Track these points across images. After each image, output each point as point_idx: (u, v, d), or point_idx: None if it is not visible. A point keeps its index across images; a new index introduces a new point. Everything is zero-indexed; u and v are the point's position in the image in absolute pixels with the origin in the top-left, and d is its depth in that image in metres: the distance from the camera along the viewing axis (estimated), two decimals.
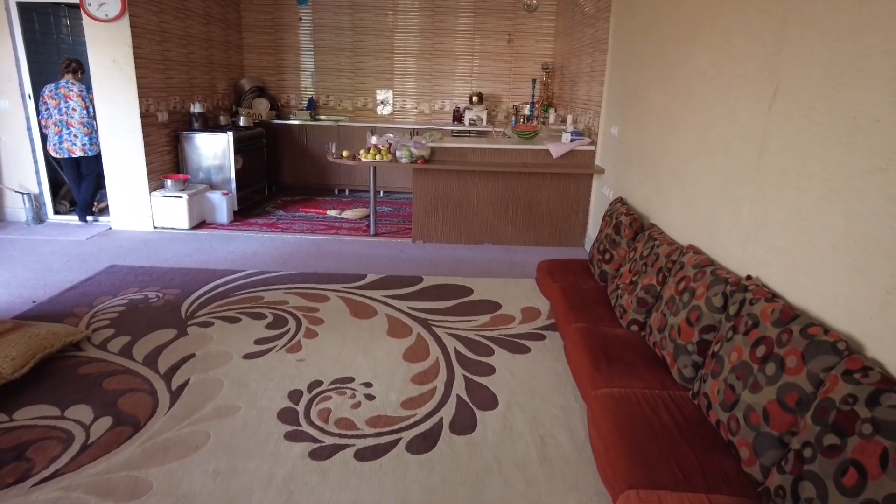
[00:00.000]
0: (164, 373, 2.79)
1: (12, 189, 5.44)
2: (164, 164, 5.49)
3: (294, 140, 7.03)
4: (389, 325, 3.39)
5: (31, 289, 3.86)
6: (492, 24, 7.17)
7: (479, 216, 5.09)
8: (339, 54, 7.34)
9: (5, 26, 5.12)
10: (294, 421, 2.43)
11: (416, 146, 4.79)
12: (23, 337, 2.84)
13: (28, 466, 2.13)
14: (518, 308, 3.67)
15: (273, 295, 3.77)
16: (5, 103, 5.29)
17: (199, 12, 6.08)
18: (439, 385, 2.73)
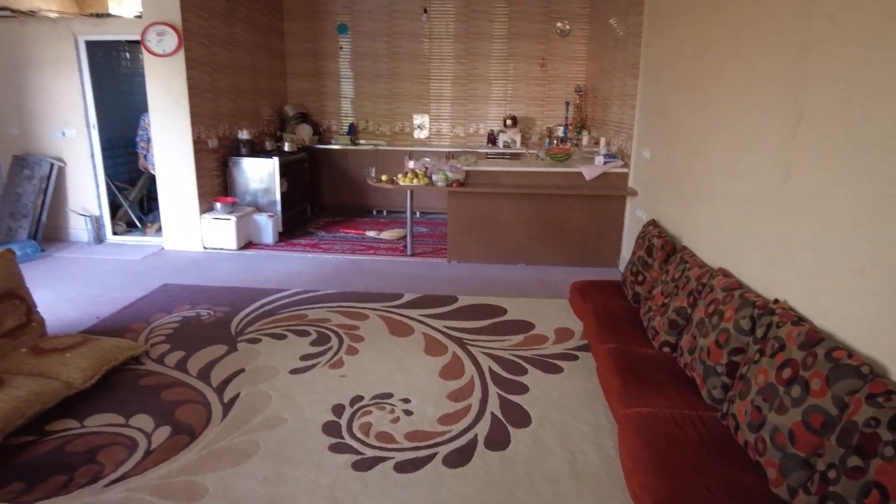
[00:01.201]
0: (217, 386, 2.98)
1: (76, 211, 5.83)
2: (213, 188, 5.81)
3: (335, 163, 7.31)
4: (426, 343, 3.52)
5: (93, 305, 4.15)
6: (525, 49, 7.35)
7: (512, 237, 5.21)
8: (377, 80, 7.62)
9: (74, 62, 5.54)
10: (337, 433, 2.58)
11: (451, 170, 4.96)
12: (91, 350, 3.08)
13: (99, 469, 2.33)
14: (551, 328, 3.76)
15: (316, 313, 3.96)
16: (72, 132, 5.70)
17: (246, 43, 6.43)
18: (474, 402, 2.84)
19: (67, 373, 2.88)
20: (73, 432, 2.60)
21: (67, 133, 5.72)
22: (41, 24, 5.54)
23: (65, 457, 2.42)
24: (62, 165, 5.78)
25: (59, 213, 5.88)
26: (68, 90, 5.64)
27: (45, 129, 5.74)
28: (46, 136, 5.75)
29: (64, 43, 5.54)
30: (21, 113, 5.71)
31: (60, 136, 5.73)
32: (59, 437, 2.56)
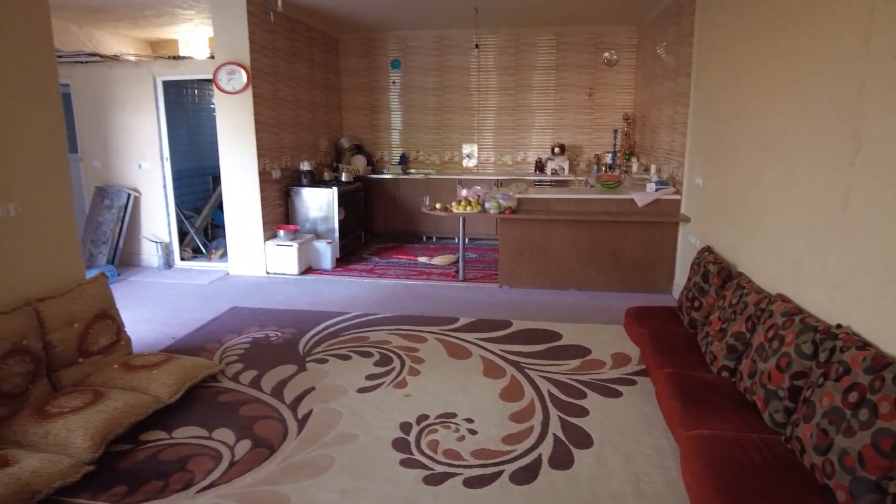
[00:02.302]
0: (290, 403, 3.17)
1: (149, 238, 6.23)
2: (276, 216, 6.13)
3: (387, 192, 7.59)
4: (484, 365, 3.64)
5: (169, 326, 4.43)
6: (572, 79, 7.52)
7: (563, 263, 5.30)
8: (428, 112, 7.91)
9: (152, 100, 6.00)
10: (406, 449, 2.71)
11: (503, 198, 5.12)
12: (174, 367, 3.32)
13: (190, 476, 2.53)
14: (608, 353, 3.82)
15: (377, 335, 4.14)
16: (147, 165, 6.14)
17: (306, 80, 6.82)
18: (536, 424, 2.93)
19: (155, 388, 3.12)
20: (163, 442, 2.81)
21: (143, 165, 6.17)
22: (125, 67, 6.03)
23: (159, 464, 2.63)
24: (137, 195, 6.22)
25: (133, 240, 6.30)
26: (145, 126, 6.09)
27: (124, 162, 6.20)
28: (125, 168, 6.21)
29: (144, 83, 6.01)
30: (104, 148, 6.19)
31: (137, 168, 6.18)
32: (151, 446, 2.78)
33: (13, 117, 3.07)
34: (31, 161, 3.19)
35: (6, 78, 3.02)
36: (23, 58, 3.13)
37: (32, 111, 3.20)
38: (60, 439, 2.61)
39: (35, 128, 3.22)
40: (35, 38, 3.21)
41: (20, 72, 3.11)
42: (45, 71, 3.28)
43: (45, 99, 3.29)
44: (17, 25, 3.09)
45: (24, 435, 2.66)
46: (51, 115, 3.33)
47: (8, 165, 3.04)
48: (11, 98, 3.06)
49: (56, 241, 3.38)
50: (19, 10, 3.10)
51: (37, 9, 3.22)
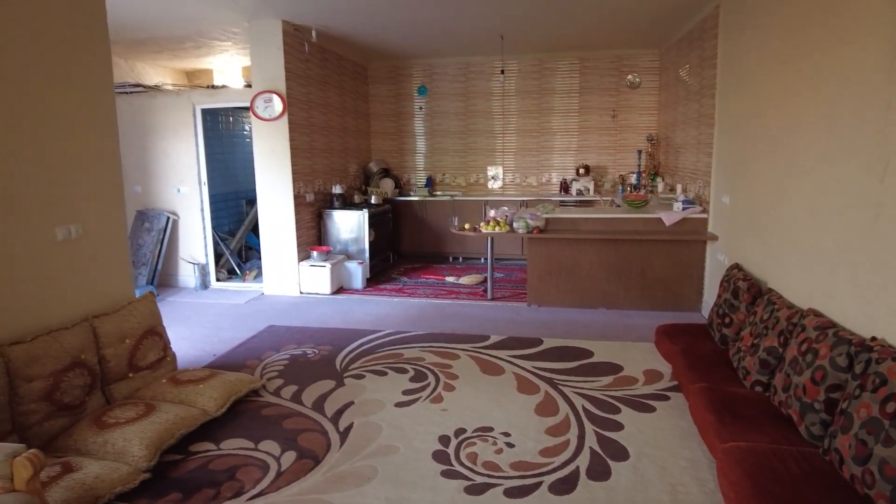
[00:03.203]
0: (331, 416, 3.28)
1: (186, 260, 6.46)
2: (309, 238, 6.31)
3: (414, 214, 7.76)
4: (518, 382, 3.71)
5: (209, 344, 4.59)
6: (595, 102, 7.65)
7: (591, 281, 5.37)
8: (453, 136, 8.10)
9: (191, 127, 6.27)
10: (446, 461, 2.79)
11: (531, 217, 5.23)
12: (219, 382, 3.46)
13: (240, 485, 2.64)
14: (639, 370, 3.86)
15: (410, 352, 4.24)
16: (186, 189, 6.39)
17: (337, 106, 7.06)
18: (572, 437, 2.99)
19: (203, 401, 3.26)
20: (212, 453, 2.93)
21: (182, 190, 6.42)
22: (166, 97, 6.33)
23: (209, 474, 2.74)
24: (176, 219, 6.46)
25: (171, 262, 6.53)
26: (184, 152, 6.36)
27: (163, 186, 6.47)
28: (164, 192, 6.47)
29: (183, 111, 6.29)
30: (145, 173, 6.47)
31: (176, 192, 6.44)
32: (201, 456, 2.90)
33: (77, 146, 3.29)
34: (90, 186, 3.39)
35: (72, 110, 3.25)
36: (86, 91, 3.36)
37: (93, 140, 3.41)
38: (118, 448, 2.74)
39: (95, 155, 3.43)
40: (97, 74, 3.44)
41: (84, 104, 3.34)
42: (104, 103, 3.50)
43: (104, 129, 3.50)
44: (82, 62, 3.32)
45: (84, 443, 2.80)
46: (108, 144, 3.54)
47: (72, 190, 3.25)
48: (76, 128, 3.28)
49: (110, 260, 3.57)
50: (85, 49, 3.33)
51: (100, 47, 3.45)
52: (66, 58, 3.20)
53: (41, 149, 3.05)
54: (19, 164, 2.92)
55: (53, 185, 3.13)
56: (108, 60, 3.54)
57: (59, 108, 3.16)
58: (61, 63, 3.17)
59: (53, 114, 3.13)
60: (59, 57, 3.15)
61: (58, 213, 3.16)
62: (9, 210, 2.86)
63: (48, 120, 3.09)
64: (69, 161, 3.23)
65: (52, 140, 3.11)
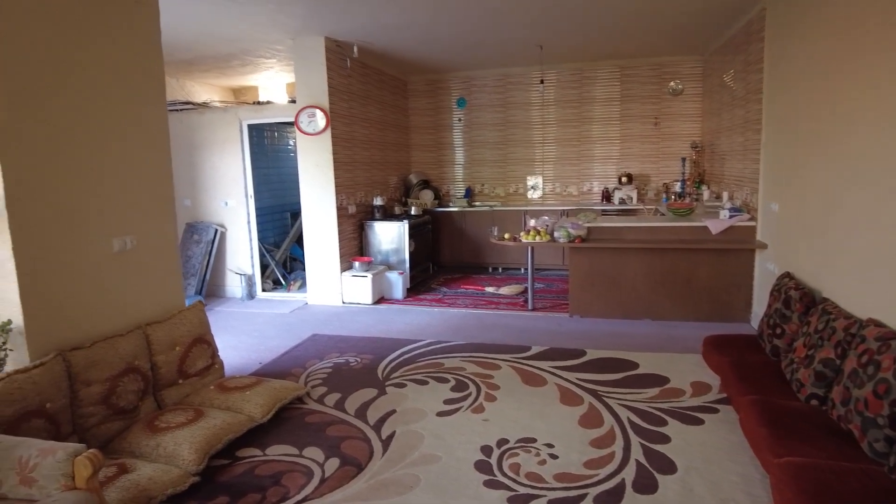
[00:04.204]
0: (374, 424, 3.30)
1: (233, 271, 6.64)
2: (351, 249, 6.41)
3: (453, 224, 7.79)
4: (560, 393, 3.66)
5: (255, 352, 4.70)
6: (637, 110, 7.55)
7: (635, 292, 5.26)
8: (492, 147, 8.12)
9: (238, 142, 6.48)
10: (489, 471, 2.77)
11: (573, 227, 5.18)
12: (264, 389, 3.53)
13: (285, 491, 2.68)
14: (686, 382, 3.76)
15: (451, 362, 4.24)
16: (233, 202, 6.59)
17: (377, 120, 7.18)
18: (617, 450, 2.93)
19: (249, 408, 3.33)
20: (258, 459, 2.99)
21: (229, 203, 6.62)
22: (214, 113, 6.56)
23: (255, 479, 2.80)
24: (223, 231, 6.66)
25: (218, 273, 6.73)
26: (231, 166, 6.57)
27: (211, 200, 6.68)
28: (212, 206, 6.69)
29: (230, 127, 6.51)
30: (194, 187, 6.70)
31: (223, 205, 6.64)
32: (247, 461, 2.96)
33: (133, 161, 3.44)
34: (145, 199, 3.54)
35: (129, 127, 3.40)
36: (142, 110, 3.51)
37: (148, 156, 3.56)
38: (169, 451, 2.83)
39: (149, 170, 3.58)
40: (152, 93, 3.60)
41: (140, 122, 3.49)
42: (158, 121, 3.65)
43: (158, 145, 3.66)
44: (138, 82, 3.48)
45: (137, 446, 2.90)
46: (161, 159, 3.69)
47: (127, 203, 3.39)
48: (132, 144, 3.43)
49: (162, 271, 3.70)
50: (142, 70, 3.49)
51: (154, 67, 3.61)
52: (123, 78, 3.36)
53: (100, 164, 3.20)
54: (80, 179, 3.07)
55: (111, 198, 3.28)
56: (162, 80, 3.70)
57: (117, 126, 3.32)
58: (120, 83, 3.33)
59: (112, 131, 3.28)
60: (118, 78, 3.31)
61: (114, 225, 3.30)
62: (70, 223, 3.01)
63: (107, 137, 3.25)
64: (125, 176, 3.38)
65: (110, 156, 3.27)
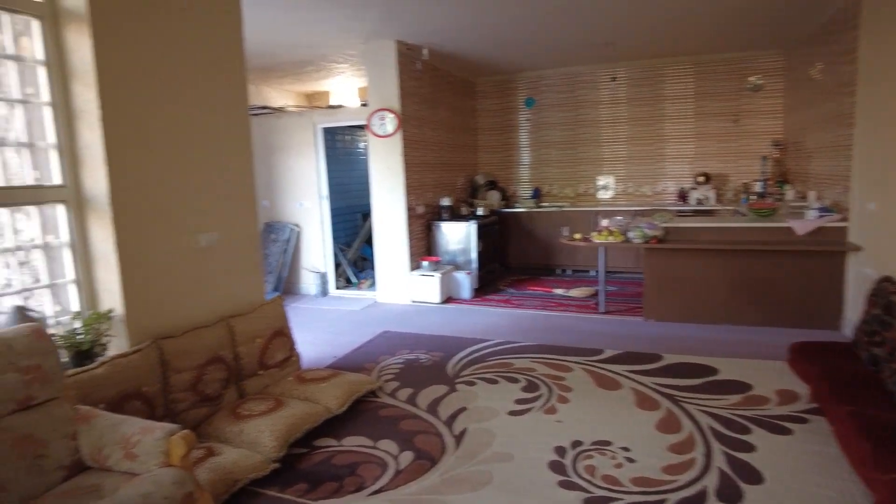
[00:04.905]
0: (446, 420, 3.32)
1: (308, 269, 6.87)
2: (419, 249, 6.49)
3: (520, 225, 7.73)
4: (636, 397, 3.56)
5: (329, 347, 4.84)
6: (713, 107, 7.25)
7: (714, 296, 5.04)
8: (560, 147, 8.01)
9: (312, 145, 6.71)
10: (563, 472, 2.73)
11: (648, 227, 5.02)
12: (340, 382, 3.63)
13: (361, 481, 2.74)
14: (771, 390, 3.57)
15: (521, 362, 4.21)
16: (308, 203, 6.82)
17: (446, 122, 7.24)
18: (698, 456, 2.81)
19: (326, 399, 3.43)
20: (334, 448, 3.07)
21: (304, 204, 6.86)
22: (290, 117, 6.83)
23: (332, 468, 2.88)
24: (299, 230, 6.90)
25: (294, 271, 6.98)
26: (306, 168, 6.81)
27: (287, 201, 6.95)
28: (288, 207, 6.95)
29: (305, 131, 6.75)
30: (271, 189, 6.99)
31: (299, 206, 6.89)
32: (324, 451, 3.05)
33: (219, 163, 3.62)
34: (229, 199, 3.71)
35: (215, 131, 3.59)
36: (227, 115, 3.69)
37: (232, 159, 3.74)
38: (252, 438, 2.95)
39: (233, 172, 3.75)
40: (235, 99, 3.78)
41: (225, 126, 3.67)
42: (241, 125, 3.83)
43: (242, 149, 3.83)
44: (223, 88, 3.66)
45: (222, 432, 3.04)
46: (245, 162, 3.86)
47: (213, 202, 3.57)
48: (218, 147, 3.61)
49: (245, 266, 3.88)
50: (226, 77, 3.67)
51: (238, 75, 3.79)
52: (211, 87, 3.54)
53: (190, 166, 3.39)
54: (172, 180, 3.26)
55: (198, 197, 3.45)
56: (245, 88, 3.87)
57: (205, 131, 3.50)
58: (208, 92, 3.51)
59: (201, 136, 3.47)
60: (206, 87, 3.50)
61: (201, 222, 3.49)
62: (163, 219, 3.20)
63: (196, 141, 3.43)
64: (212, 177, 3.56)
65: (198, 158, 3.45)
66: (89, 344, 2.79)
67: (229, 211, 3.72)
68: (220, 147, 3.64)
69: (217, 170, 3.61)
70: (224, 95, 3.66)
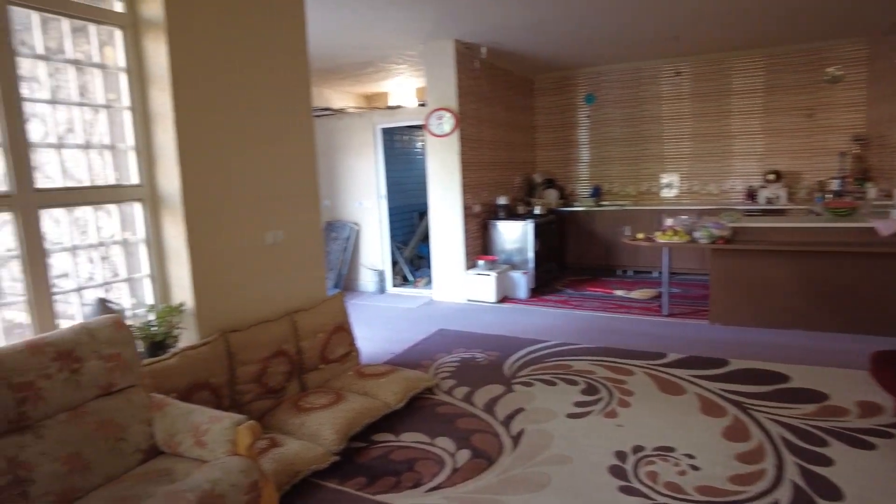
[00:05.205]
0: (503, 420, 3.30)
1: (366, 266, 7.00)
2: (475, 248, 6.49)
3: (579, 224, 7.59)
4: (701, 403, 3.42)
5: (387, 343, 4.90)
6: (786, 101, 6.88)
7: (786, 299, 4.79)
8: (621, 144, 7.81)
9: (372, 145, 6.82)
10: (624, 477, 2.66)
11: (715, 227, 4.82)
12: (398, 378, 3.67)
13: (419, 477, 2.76)
14: (850, 401, 3.35)
15: (580, 365, 4.13)
16: (367, 202, 6.94)
17: (504, 121, 7.19)
18: (769, 467, 2.68)
19: (384, 395, 3.48)
20: (392, 444, 3.11)
21: (363, 203, 6.98)
22: (351, 118, 6.96)
23: (390, 463, 2.91)
24: (358, 229, 7.03)
25: (353, 268, 7.12)
26: (366, 168, 6.92)
27: (347, 200, 7.09)
28: (348, 206, 7.10)
29: (365, 131, 6.86)
30: (332, 188, 7.16)
31: (358, 205, 7.02)
32: (382, 446, 3.09)
33: (285, 164, 3.73)
34: (293, 198, 3.82)
35: (282, 133, 3.70)
36: (292, 117, 3.80)
37: (297, 159, 3.85)
38: (313, 430, 3.03)
39: (298, 172, 3.86)
40: (300, 102, 3.88)
41: (290, 128, 3.78)
42: (306, 127, 3.93)
43: (305, 150, 3.93)
44: (289, 92, 3.77)
45: (284, 424, 3.13)
46: (308, 162, 3.97)
47: (277, 201, 3.68)
48: (284, 148, 3.72)
49: (308, 263, 3.98)
50: (292, 80, 3.79)
51: (302, 78, 3.89)
52: (276, 88, 3.65)
53: (257, 166, 3.51)
54: (240, 179, 3.39)
55: (264, 197, 3.57)
56: (309, 91, 3.97)
57: (270, 132, 3.61)
58: (273, 93, 3.62)
59: (267, 136, 3.58)
60: (272, 91, 3.61)
61: (267, 220, 3.60)
62: (231, 217, 3.33)
63: (263, 143, 3.55)
64: (278, 176, 3.67)
65: (265, 159, 3.57)
66: (162, 335, 2.93)
67: (294, 210, 3.82)
68: (286, 148, 3.75)
69: (282, 170, 3.72)
70: (289, 98, 3.77)
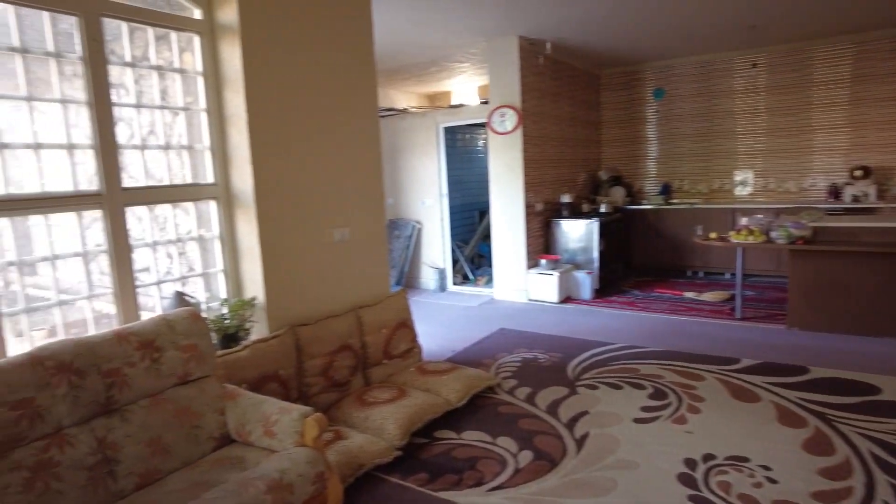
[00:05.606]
0: (566, 423, 3.24)
1: (428, 264, 7.05)
2: (537, 247, 6.41)
3: (647, 223, 7.36)
4: (778, 412, 3.24)
5: (448, 341, 4.92)
6: (877, 92, 6.39)
7: (873, 304, 4.46)
8: (692, 140, 7.50)
9: (434, 145, 6.86)
10: (694, 486, 2.55)
11: (794, 226, 4.56)
12: (459, 376, 3.67)
13: (480, 476, 2.75)
14: None
15: (648, 368, 4.00)
16: (429, 201, 7.00)
17: (567, 117, 7.06)
18: (857, 485, 2.50)
19: (446, 392, 3.49)
20: (453, 441, 3.11)
21: (426, 202, 7.04)
22: (414, 118, 7.03)
23: (452, 461, 2.91)
24: (420, 227, 7.10)
25: (414, 266, 7.19)
26: (428, 167, 6.97)
27: (410, 199, 7.17)
28: (411, 204, 7.17)
29: (428, 130, 6.91)
30: (395, 187, 7.25)
31: (421, 204, 7.08)
32: (444, 443, 3.10)
33: (351, 164, 3.80)
34: (359, 197, 3.89)
35: (349, 133, 3.77)
36: (360, 118, 3.87)
37: (362, 159, 3.91)
38: (376, 425, 3.07)
39: (363, 172, 3.92)
40: (367, 103, 3.95)
41: (357, 128, 3.85)
42: (372, 127, 3.99)
43: (371, 150, 3.99)
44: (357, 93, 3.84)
45: (349, 417, 3.20)
46: (374, 162, 4.03)
47: (344, 200, 3.77)
48: (351, 148, 3.80)
49: (373, 260, 4.05)
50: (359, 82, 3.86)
51: (369, 80, 3.96)
52: (343, 90, 3.73)
53: (324, 166, 3.60)
54: (309, 179, 3.48)
55: (331, 195, 3.66)
56: (375, 90, 4.03)
57: (338, 132, 3.70)
58: (340, 94, 3.71)
59: (334, 137, 3.67)
60: (339, 89, 3.69)
61: (334, 219, 3.69)
62: (300, 216, 3.43)
63: (331, 143, 3.64)
64: (344, 176, 3.75)
65: (332, 159, 3.65)
66: (235, 328, 3.06)
67: (359, 208, 3.90)
68: (353, 148, 3.82)
69: (349, 170, 3.80)
70: (356, 99, 3.85)
